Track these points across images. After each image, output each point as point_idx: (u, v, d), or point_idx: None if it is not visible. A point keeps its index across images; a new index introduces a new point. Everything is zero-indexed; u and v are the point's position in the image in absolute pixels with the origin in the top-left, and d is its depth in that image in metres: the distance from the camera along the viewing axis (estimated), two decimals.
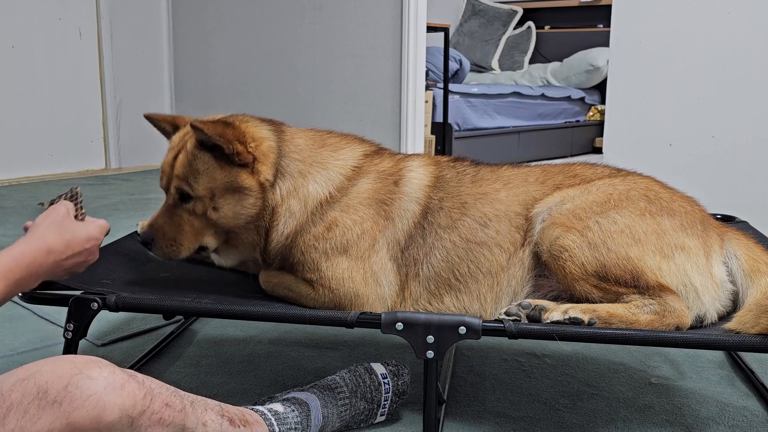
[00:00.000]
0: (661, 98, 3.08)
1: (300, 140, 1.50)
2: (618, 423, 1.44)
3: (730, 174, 2.96)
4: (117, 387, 0.90)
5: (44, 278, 1.21)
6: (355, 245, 1.40)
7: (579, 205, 1.36)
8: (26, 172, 4.59)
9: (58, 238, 1.21)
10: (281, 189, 1.44)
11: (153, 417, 0.94)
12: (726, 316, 1.35)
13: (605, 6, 6.36)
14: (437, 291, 1.42)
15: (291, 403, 1.27)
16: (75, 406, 0.86)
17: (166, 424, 0.96)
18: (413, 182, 1.48)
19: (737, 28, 2.87)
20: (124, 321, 1.97)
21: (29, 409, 0.86)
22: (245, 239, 1.47)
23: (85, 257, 1.28)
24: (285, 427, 1.21)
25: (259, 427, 1.16)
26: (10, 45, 4.43)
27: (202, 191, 1.41)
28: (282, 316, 1.31)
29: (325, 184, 1.45)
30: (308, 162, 1.47)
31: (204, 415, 1.04)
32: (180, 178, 1.43)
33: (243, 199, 1.42)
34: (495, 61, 7.02)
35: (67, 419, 0.86)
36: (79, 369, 0.89)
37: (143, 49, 5.20)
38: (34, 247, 1.17)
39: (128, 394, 0.91)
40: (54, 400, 0.86)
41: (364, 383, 1.36)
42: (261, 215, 1.44)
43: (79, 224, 1.28)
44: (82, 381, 0.88)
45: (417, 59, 4.18)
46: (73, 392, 0.87)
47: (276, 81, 4.82)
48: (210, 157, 1.41)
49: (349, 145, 1.53)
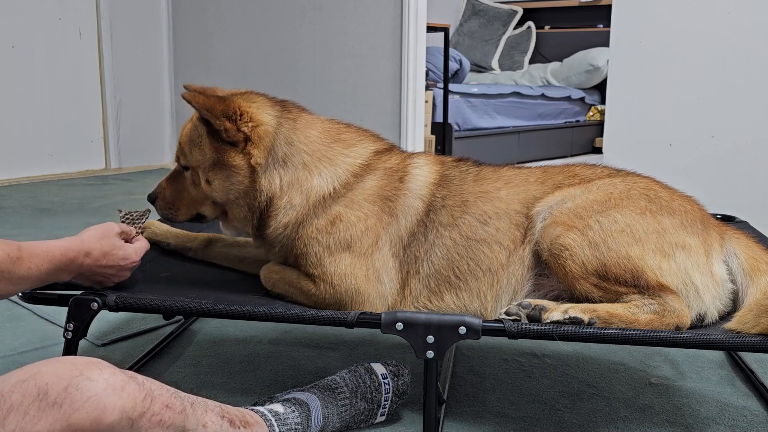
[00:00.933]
0: (661, 98, 3.08)
1: (313, 131, 1.48)
2: (618, 423, 1.44)
3: (730, 174, 2.96)
4: (117, 389, 0.90)
5: (75, 276, 1.36)
6: (359, 242, 1.40)
7: (580, 204, 1.36)
8: (26, 172, 4.59)
9: (98, 246, 1.36)
10: (281, 179, 1.43)
11: (153, 419, 0.94)
12: (726, 315, 1.35)
13: (605, 6, 6.36)
14: (437, 288, 1.42)
15: (291, 403, 1.27)
16: (75, 408, 0.86)
17: (166, 425, 0.96)
18: (418, 179, 1.48)
19: (737, 28, 2.87)
20: (124, 321, 1.97)
21: (29, 410, 0.86)
22: (237, 214, 1.49)
23: (115, 271, 1.40)
24: (285, 428, 1.22)
25: (259, 428, 1.16)
26: (10, 45, 4.43)
27: (194, 162, 1.46)
28: (282, 316, 1.31)
29: (330, 180, 1.44)
30: (316, 156, 1.46)
31: (204, 417, 1.04)
32: (180, 147, 1.49)
33: (231, 176, 1.43)
34: (495, 61, 7.02)
35: (67, 421, 0.86)
36: (80, 370, 0.89)
37: (143, 49, 5.20)
38: (76, 246, 1.32)
39: (128, 396, 0.91)
40: (54, 401, 0.86)
41: (365, 383, 1.36)
42: (250, 195, 1.44)
43: (122, 243, 1.41)
44: (82, 383, 0.88)
45: (417, 59, 4.18)
46: (73, 394, 0.87)
47: (276, 81, 4.82)
48: (205, 130, 1.44)
49: (362, 143, 1.52)
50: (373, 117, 4.39)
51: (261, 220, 1.46)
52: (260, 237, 1.49)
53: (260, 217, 1.46)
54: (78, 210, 3.59)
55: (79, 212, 3.53)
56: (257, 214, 1.46)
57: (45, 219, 3.35)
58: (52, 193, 4.10)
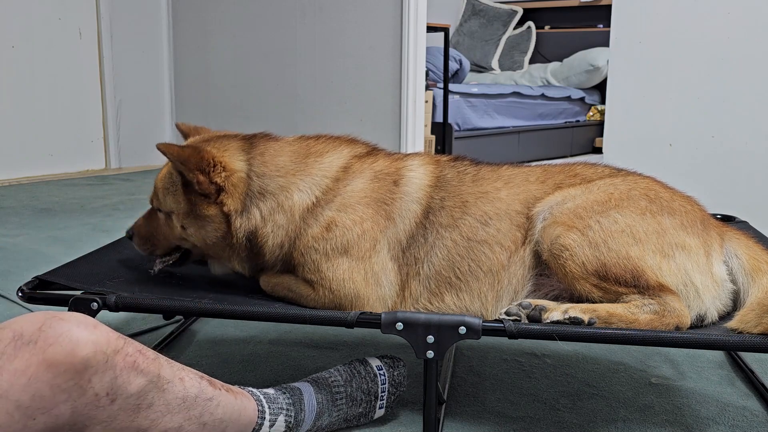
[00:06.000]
0: (661, 98, 3.08)
1: (282, 158, 1.48)
2: (618, 423, 1.44)
3: (730, 174, 2.96)
4: (90, 326, 0.94)
5: None
6: (356, 245, 1.40)
7: (580, 205, 1.36)
8: (26, 172, 4.59)
9: None
10: (261, 210, 1.43)
11: (128, 359, 0.96)
12: (726, 315, 1.35)
13: (605, 6, 6.36)
14: (438, 290, 1.42)
15: (282, 388, 1.28)
16: (49, 343, 0.90)
17: (141, 369, 0.98)
18: (414, 182, 1.48)
19: (737, 28, 2.87)
20: (124, 321, 1.97)
21: (6, 350, 0.89)
22: (219, 254, 1.50)
23: None
24: (275, 406, 1.22)
25: (244, 398, 1.17)
26: (10, 45, 4.43)
27: (168, 208, 1.49)
28: (282, 316, 1.31)
29: (309, 190, 1.45)
30: (290, 174, 1.46)
31: (181, 372, 1.06)
32: (155, 191, 1.51)
33: (206, 225, 1.45)
34: (495, 61, 7.02)
35: (42, 355, 0.89)
36: (52, 315, 0.94)
37: (143, 49, 5.20)
38: None
39: (101, 333, 0.95)
40: (29, 340, 0.90)
41: (359, 374, 1.36)
42: (230, 237, 1.45)
43: None
44: (55, 322, 0.92)
45: (417, 59, 4.19)
46: (46, 331, 0.91)
47: (276, 81, 4.82)
48: (179, 179, 1.45)
49: (335, 149, 1.52)
50: (373, 117, 4.39)
51: (253, 253, 1.47)
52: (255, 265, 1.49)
53: (250, 249, 1.46)
54: (78, 210, 3.58)
55: (79, 212, 3.53)
56: (242, 249, 1.46)
57: (45, 219, 3.35)
58: (52, 193, 4.10)
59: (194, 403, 1.05)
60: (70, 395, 0.90)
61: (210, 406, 1.08)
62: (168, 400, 1.02)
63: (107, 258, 1.67)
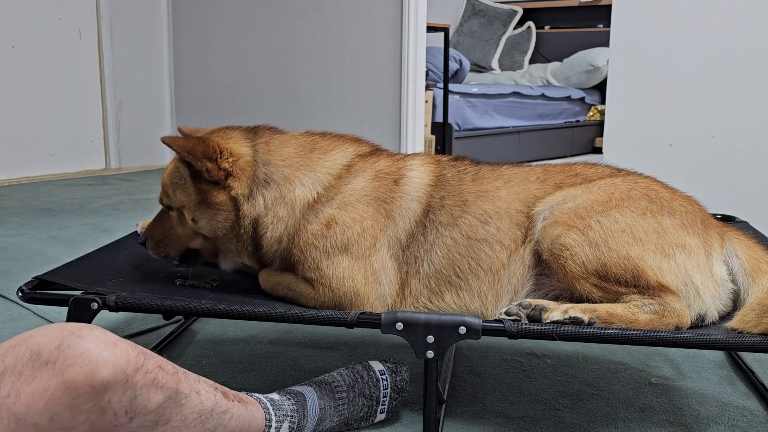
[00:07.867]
0: (661, 98, 3.08)
1: (288, 149, 1.50)
2: (618, 423, 1.44)
3: (730, 174, 2.96)
4: (109, 344, 0.91)
5: None
6: (356, 244, 1.40)
7: (580, 204, 1.36)
8: (26, 172, 4.59)
9: None
10: (265, 198, 1.45)
11: (148, 376, 0.95)
12: (726, 315, 1.35)
13: (605, 6, 6.37)
14: (438, 288, 1.42)
15: (287, 393, 1.28)
16: (68, 364, 0.87)
17: (160, 385, 0.96)
18: (414, 181, 1.48)
19: (737, 28, 2.87)
20: (124, 321, 1.97)
21: (24, 371, 0.87)
22: (228, 247, 1.52)
23: None
24: (281, 413, 1.22)
25: (254, 407, 1.17)
26: (10, 45, 4.43)
27: (179, 203, 1.49)
28: (282, 316, 1.31)
29: (312, 186, 1.46)
30: (295, 167, 1.48)
31: (197, 385, 1.05)
32: (164, 189, 1.52)
33: (217, 214, 1.46)
34: (495, 61, 7.02)
35: (61, 377, 0.87)
36: (70, 330, 0.91)
37: (143, 49, 5.20)
38: None
39: (121, 352, 0.92)
40: (47, 360, 0.87)
41: (362, 378, 1.36)
42: (238, 226, 1.46)
43: None
44: (73, 341, 0.89)
45: (417, 59, 4.19)
46: (65, 351, 0.88)
47: (276, 81, 4.82)
48: (187, 172, 1.47)
49: (340, 146, 1.54)
50: (373, 117, 4.39)
51: (255, 244, 1.48)
52: (258, 259, 1.51)
53: (254, 240, 1.47)
54: (78, 210, 3.58)
55: (79, 212, 3.53)
56: (249, 241, 1.48)
57: (45, 219, 3.35)
58: (52, 193, 4.10)
59: (209, 417, 1.05)
60: (89, 416, 0.89)
61: (224, 419, 1.08)
62: (185, 414, 1.01)
63: (107, 258, 1.67)
